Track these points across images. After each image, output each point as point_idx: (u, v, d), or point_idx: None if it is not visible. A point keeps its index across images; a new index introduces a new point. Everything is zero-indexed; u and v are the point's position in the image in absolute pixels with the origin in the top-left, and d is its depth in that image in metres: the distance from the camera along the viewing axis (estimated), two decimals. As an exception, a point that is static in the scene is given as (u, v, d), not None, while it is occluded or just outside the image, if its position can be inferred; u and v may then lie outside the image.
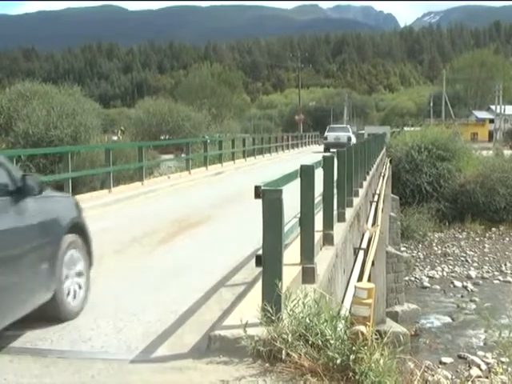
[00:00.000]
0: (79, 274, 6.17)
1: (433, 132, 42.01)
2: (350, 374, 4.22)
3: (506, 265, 28.31)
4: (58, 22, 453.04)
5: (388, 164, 32.48)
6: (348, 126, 56.67)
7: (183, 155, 41.00)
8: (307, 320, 4.59)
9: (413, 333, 18.32)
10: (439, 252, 31.07)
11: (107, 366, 4.65)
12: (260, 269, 7.31)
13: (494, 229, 35.26)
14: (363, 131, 69.57)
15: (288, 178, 5.97)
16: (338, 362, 4.23)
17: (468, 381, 14.77)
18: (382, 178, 25.05)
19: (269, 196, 4.80)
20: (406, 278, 24.67)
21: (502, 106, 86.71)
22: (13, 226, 5.14)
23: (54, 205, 6.17)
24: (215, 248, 9.45)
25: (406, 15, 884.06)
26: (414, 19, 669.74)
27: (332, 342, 4.35)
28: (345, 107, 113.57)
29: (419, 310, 21.01)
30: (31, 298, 5.39)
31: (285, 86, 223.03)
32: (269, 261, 4.87)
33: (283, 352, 4.38)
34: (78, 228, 6.39)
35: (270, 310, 4.64)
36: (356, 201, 12.95)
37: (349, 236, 10.73)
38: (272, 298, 4.75)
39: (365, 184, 16.68)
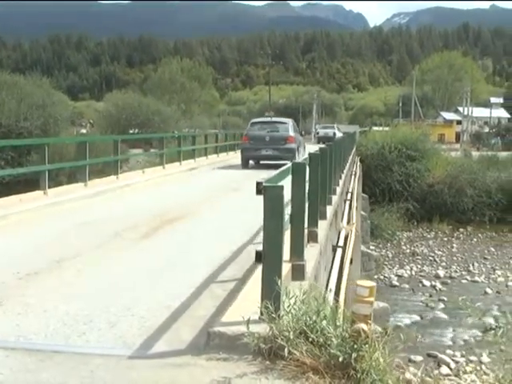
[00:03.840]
0: (303, 154, 23.37)
1: (402, 132, 42.37)
2: (352, 372, 4.20)
3: (473, 265, 28.56)
4: (26, 12, 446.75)
5: (358, 163, 32.66)
6: (335, 125, 76.48)
7: (152, 150, 40.86)
8: (307, 317, 4.58)
9: (392, 332, 18.41)
10: (408, 251, 31.27)
11: (105, 362, 4.59)
12: (248, 265, 7.45)
13: (461, 229, 35.63)
14: None
15: (282, 175, 5.97)
16: (340, 359, 4.22)
17: (440, 379, 14.97)
18: (353, 176, 25.16)
19: (270, 192, 4.78)
20: (375, 277, 24.80)
21: (470, 108, 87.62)
22: (302, 140, 28.37)
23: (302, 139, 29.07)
24: (199, 243, 9.41)
25: (375, 15, 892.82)
26: (384, 19, 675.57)
27: (333, 339, 4.34)
28: (314, 105, 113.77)
29: (389, 309, 21.10)
30: (303, 152, 25.18)
31: (254, 82, 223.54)
32: (269, 257, 4.84)
33: (285, 349, 4.35)
34: (304, 145, 28.06)
35: (270, 306, 4.62)
36: (334, 199, 12.98)
37: (329, 234, 10.75)
38: (271, 294, 4.71)
39: (340, 182, 16.73)
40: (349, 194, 19.89)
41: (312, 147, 26.61)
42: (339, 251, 11.90)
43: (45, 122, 31.90)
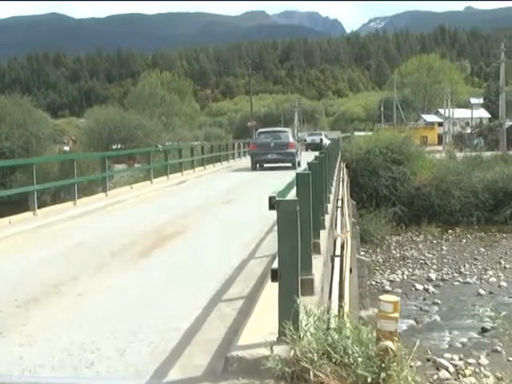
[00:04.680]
0: (300, 156, 31.64)
1: (386, 136, 42.43)
2: (380, 392, 4.00)
3: (464, 266, 28.51)
4: (3, 31, 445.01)
5: (345, 169, 32.62)
6: (322, 132, 79.38)
7: (137, 165, 40.59)
8: (328, 337, 4.35)
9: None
10: (398, 255, 31.19)
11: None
12: (252, 282, 7.24)
13: (450, 231, 35.63)
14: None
15: (290, 187, 5.80)
16: (369, 380, 3.99)
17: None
18: (342, 182, 25.03)
19: (284, 207, 4.56)
20: (368, 283, 24.66)
21: (451, 110, 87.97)
22: (299, 145, 36.33)
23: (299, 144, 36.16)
24: (199, 260, 9.19)
25: (351, 21, 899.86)
26: (360, 25, 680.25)
27: (360, 359, 4.12)
28: (295, 113, 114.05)
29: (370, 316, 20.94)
30: (299, 156, 31.45)
31: (234, 92, 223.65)
32: (285, 275, 4.60)
33: (311, 372, 4.11)
34: (300, 150, 34.90)
35: (291, 327, 4.38)
36: (329, 207, 12.81)
37: (328, 243, 10.57)
38: (290, 314, 4.48)
39: (332, 189, 16.57)
40: (339, 202, 19.73)
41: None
42: (337, 260, 11.71)
43: (27, 141, 31.64)
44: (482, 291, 24.29)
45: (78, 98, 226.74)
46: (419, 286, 25.47)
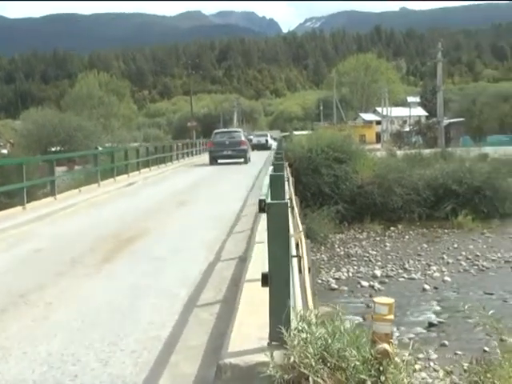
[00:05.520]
0: (250, 153, 38.04)
1: (326, 135, 42.70)
2: (379, 396, 3.95)
3: (408, 262, 28.75)
4: None
5: (288, 168, 32.64)
6: (267, 133, 78.68)
7: (77, 167, 39.92)
8: (323, 341, 4.28)
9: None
10: (342, 253, 31.26)
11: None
12: (224, 286, 7.14)
13: (392, 228, 35.95)
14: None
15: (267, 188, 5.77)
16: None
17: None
18: (287, 182, 25.02)
19: (274, 210, 4.49)
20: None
21: (388, 108, 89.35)
22: (248, 143, 41.90)
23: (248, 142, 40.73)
24: (165, 265, 9.01)
25: (288, 20, 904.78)
26: (297, 24, 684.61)
27: (357, 363, 4.06)
28: (235, 113, 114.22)
29: (333, 313, 20.93)
30: (250, 153, 37.88)
31: (172, 93, 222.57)
32: (276, 279, 4.51)
33: (310, 378, 4.03)
34: (249, 146, 40.11)
35: (285, 332, 4.30)
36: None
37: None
38: (282, 319, 4.40)
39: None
40: (289, 201, 19.69)
41: None
42: (295, 261, 11.69)
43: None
44: (426, 286, 24.53)
45: (13, 99, 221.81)
46: (365, 283, 25.54)
